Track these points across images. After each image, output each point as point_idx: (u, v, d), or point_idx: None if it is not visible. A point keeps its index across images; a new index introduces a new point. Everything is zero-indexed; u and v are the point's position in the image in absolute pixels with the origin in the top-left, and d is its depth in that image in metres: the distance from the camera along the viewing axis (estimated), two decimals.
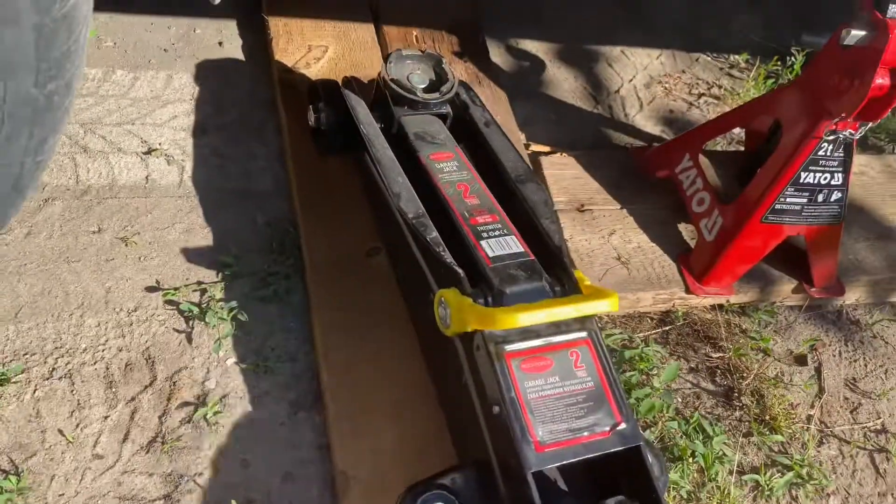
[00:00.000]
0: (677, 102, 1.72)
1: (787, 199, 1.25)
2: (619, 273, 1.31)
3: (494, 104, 1.48)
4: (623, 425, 0.88)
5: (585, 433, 0.86)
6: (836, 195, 1.27)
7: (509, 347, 0.88)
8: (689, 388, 1.27)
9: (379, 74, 1.16)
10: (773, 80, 1.78)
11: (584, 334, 0.92)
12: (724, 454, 1.18)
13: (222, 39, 1.49)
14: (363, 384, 1.07)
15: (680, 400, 1.25)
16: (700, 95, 1.75)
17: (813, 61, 1.24)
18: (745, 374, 1.28)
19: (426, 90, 1.16)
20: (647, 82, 1.75)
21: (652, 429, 1.18)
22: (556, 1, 1.80)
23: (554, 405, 0.87)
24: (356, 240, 1.21)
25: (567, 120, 1.61)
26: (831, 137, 1.20)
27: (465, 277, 0.92)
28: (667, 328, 1.32)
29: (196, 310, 1.13)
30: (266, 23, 1.44)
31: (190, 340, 1.12)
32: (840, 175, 1.25)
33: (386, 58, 1.15)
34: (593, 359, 0.91)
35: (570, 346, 0.91)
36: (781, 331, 1.38)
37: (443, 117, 1.18)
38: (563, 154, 1.48)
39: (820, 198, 1.26)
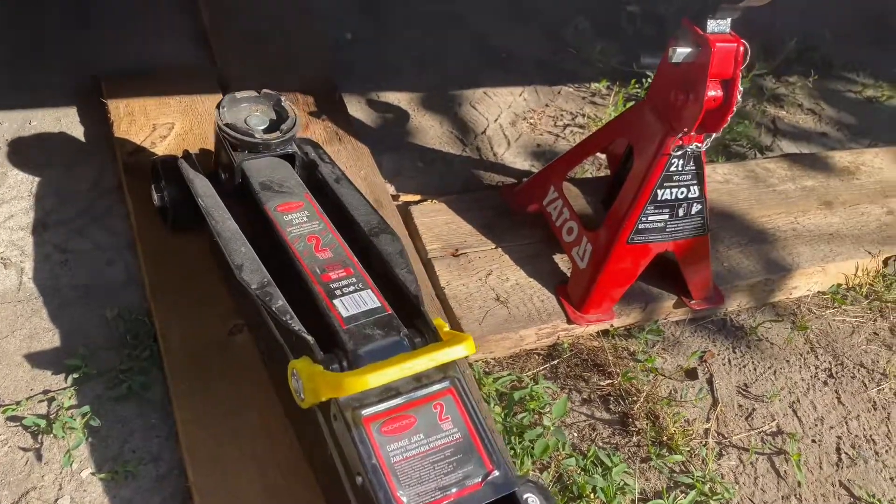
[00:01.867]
0: (544, 136, 1.75)
1: (649, 218, 1.26)
2: (499, 313, 1.29)
3: (357, 159, 1.46)
4: (495, 473, 0.83)
5: (455, 489, 0.81)
6: (696, 207, 1.29)
7: (367, 412, 0.83)
8: (584, 421, 1.24)
9: (215, 123, 1.11)
10: (632, 102, 1.83)
11: (446, 384, 0.88)
12: (626, 483, 1.15)
13: (62, 129, 1.42)
14: (233, 476, 0.99)
15: (576, 434, 1.22)
16: (565, 126, 1.78)
17: (652, 81, 1.27)
18: (637, 398, 1.26)
19: (267, 131, 1.12)
20: (513, 120, 1.77)
21: (549, 469, 1.14)
22: (414, 52, 1.82)
23: (420, 465, 0.82)
24: (217, 320, 1.15)
25: (436, 167, 1.60)
26: (679, 153, 1.22)
27: (314, 344, 0.87)
28: (555, 362, 1.30)
29: (43, 423, 1.03)
30: (106, 107, 1.39)
31: (39, 457, 1.02)
32: (696, 187, 1.27)
33: (218, 104, 1.11)
34: (459, 408, 0.87)
35: (432, 399, 0.87)
36: (669, 348, 1.38)
37: (290, 159, 1.13)
38: (434, 201, 1.46)
39: (681, 212, 1.28)
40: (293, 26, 1.70)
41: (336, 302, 0.93)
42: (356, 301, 0.93)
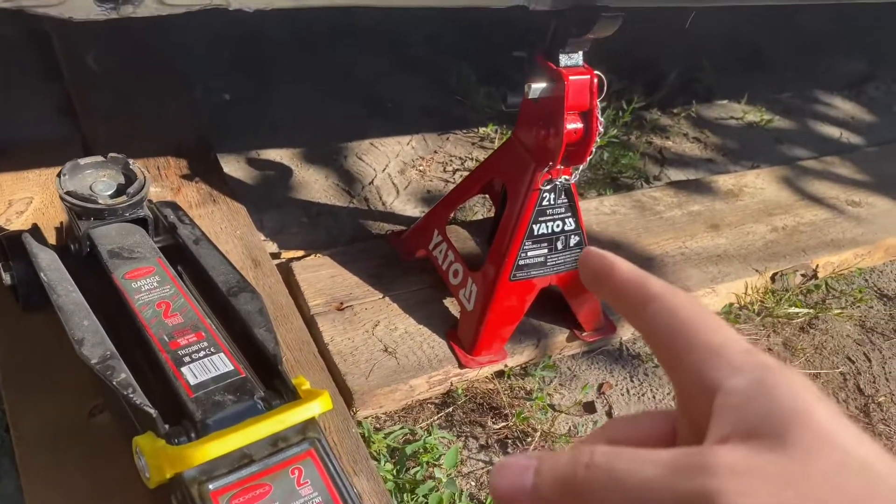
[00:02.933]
0: (433, 182, 1.74)
1: (529, 254, 1.25)
2: (387, 364, 1.25)
3: (232, 220, 1.41)
4: None
5: None
6: (573, 239, 1.29)
7: (214, 485, 0.77)
8: (482, 468, 1.20)
9: (58, 194, 1.05)
10: None
11: (305, 446, 0.83)
12: None
13: None
14: None
15: (473, 483, 1.17)
16: (455, 171, 1.78)
17: (517, 119, 1.28)
18: (534, 437, 1.23)
19: (114, 196, 1.07)
20: (402, 168, 1.76)
21: None
22: (297, 108, 1.80)
23: None
24: (74, 403, 1.06)
25: (322, 221, 1.57)
26: (549, 186, 1.22)
27: (157, 417, 0.81)
28: (449, 409, 1.26)
29: None
30: None
31: None
32: (571, 220, 1.27)
33: (59, 171, 1.05)
34: (319, 471, 0.81)
35: (290, 464, 0.81)
36: (567, 382, 1.36)
37: (142, 223, 1.08)
38: (317, 255, 1.42)
39: (559, 245, 1.28)
40: (165, 90, 1.67)
41: (184, 370, 0.87)
42: (206, 367, 0.87)
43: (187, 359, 0.88)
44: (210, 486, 0.77)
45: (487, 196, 1.69)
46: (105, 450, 1.02)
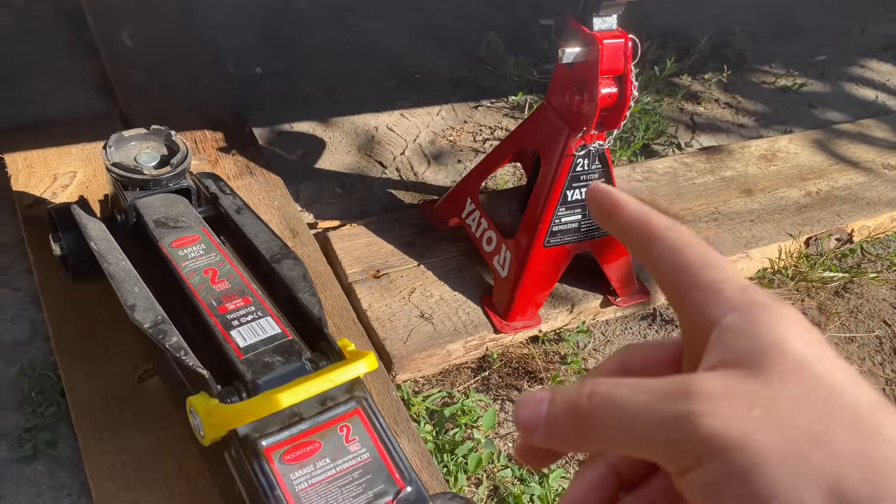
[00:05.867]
0: (464, 151, 1.75)
1: (562, 220, 1.26)
2: (424, 330, 1.27)
3: (270, 191, 1.44)
4: (407, 489, 0.81)
5: None
6: None
7: (267, 441, 0.80)
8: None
9: (104, 165, 1.08)
10: None
11: (352, 405, 0.85)
12: (563, 489, 1.13)
13: None
14: None
15: (510, 444, 1.20)
16: (485, 141, 1.79)
17: (550, 85, 1.28)
18: None
19: (158, 167, 1.09)
20: (432, 139, 1.76)
21: (484, 483, 1.12)
22: (327, 81, 1.81)
23: (327, 490, 0.79)
24: (126, 368, 1.10)
25: (355, 191, 1.59)
26: (583, 152, 1.22)
27: (209, 378, 0.84)
28: (486, 374, 1.28)
29: None
30: (3, 162, 1.35)
31: None
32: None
33: (105, 144, 1.08)
34: (366, 428, 0.84)
35: (339, 422, 0.84)
36: (600, 347, 1.37)
37: (185, 193, 1.11)
38: (353, 225, 1.44)
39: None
40: (199, 65, 1.69)
41: (233, 333, 0.90)
42: (254, 330, 0.90)
43: (236, 322, 0.91)
44: (263, 443, 0.80)
45: (518, 164, 1.70)
46: (157, 412, 1.06)
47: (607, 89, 1.15)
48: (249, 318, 0.92)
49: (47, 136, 1.40)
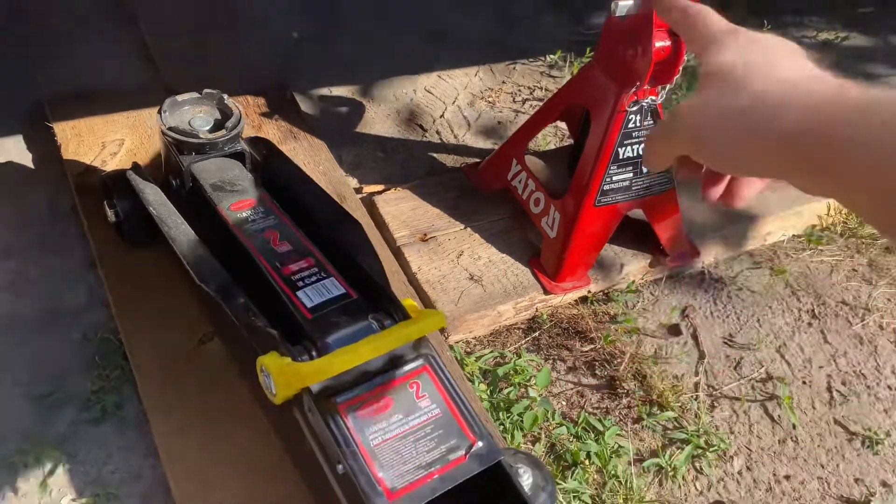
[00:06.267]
0: (504, 113, 1.73)
1: (614, 178, 1.25)
2: (474, 292, 1.27)
3: (314, 155, 1.44)
4: (479, 444, 0.81)
5: (439, 465, 0.79)
6: None
7: (341, 398, 0.81)
8: (571, 388, 1.22)
9: (159, 130, 1.08)
10: None
11: (420, 362, 0.86)
12: (620, 446, 1.14)
13: (9, 158, 1.38)
14: (217, 485, 0.97)
15: (564, 402, 1.20)
16: (524, 101, 1.77)
17: (599, 40, 1.25)
18: (621, 360, 1.25)
19: (211, 130, 1.09)
20: (471, 100, 1.75)
21: (540, 440, 1.12)
22: (364, 44, 1.79)
23: (400, 445, 0.80)
24: (185, 331, 1.12)
25: (397, 155, 1.58)
26: (635, 108, 1.20)
27: (280, 337, 0.85)
28: (536, 334, 1.28)
29: (15, 455, 1.00)
30: (53, 130, 1.35)
31: (15, 490, 0.99)
32: None
33: (159, 108, 1.08)
34: (435, 385, 0.85)
35: (408, 379, 0.85)
36: (650, 307, 1.37)
37: (240, 156, 1.11)
38: (398, 189, 1.44)
39: (644, 169, 1.27)
40: (237, 31, 1.68)
41: (299, 293, 0.90)
42: (319, 290, 0.91)
43: (301, 283, 0.92)
44: (337, 400, 0.80)
45: (558, 125, 1.68)
46: (217, 374, 1.08)
47: (661, 42, 1.12)
48: (314, 279, 0.93)
49: (93, 105, 1.41)
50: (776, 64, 0.43)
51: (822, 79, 0.40)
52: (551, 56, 1.89)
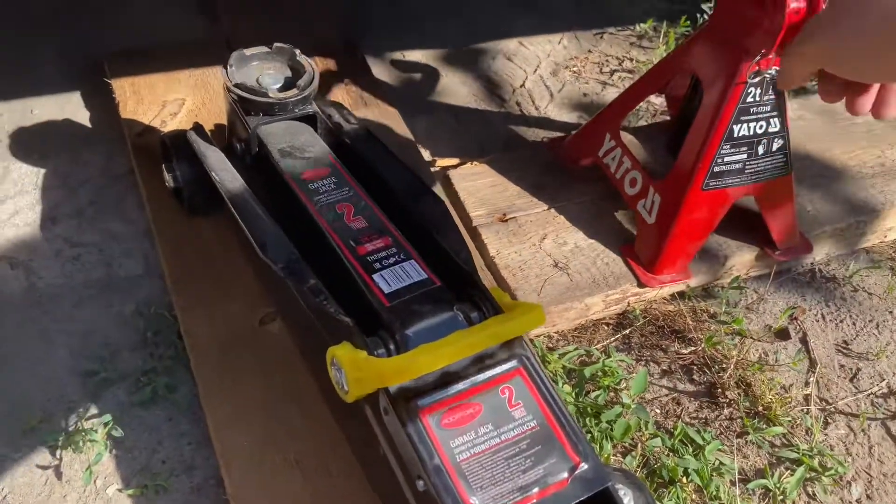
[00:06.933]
0: (590, 84, 1.58)
1: (725, 159, 1.10)
2: (559, 281, 1.14)
3: (386, 123, 1.32)
4: (583, 466, 0.69)
5: (537, 488, 0.67)
6: (777, 143, 1.12)
7: (423, 402, 0.70)
8: (667, 395, 1.09)
9: (223, 86, 0.98)
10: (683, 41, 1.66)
11: (514, 363, 0.74)
12: (722, 463, 1.00)
13: (66, 115, 1.30)
14: (276, 483, 0.87)
15: (659, 411, 1.07)
16: (612, 72, 1.62)
17: (717, 1, 1.10)
18: (724, 365, 1.11)
19: (282, 90, 0.98)
20: (554, 69, 1.60)
21: (633, 453, 1.00)
22: (439, 2, 1.66)
23: (491, 462, 0.68)
24: (245, 310, 1.02)
25: (473, 127, 1.45)
26: (756, 80, 1.05)
27: (355, 327, 0.74)
28: (626, 332, 1.15)
29: (61, 437, 0.92)
30: (111, 87, 1.27)
31: (59, 475, 0.91)
32: (776, 120, 1.10)
33: (225, 62, 0.97)
34: (531, 391, 0.73)
35: (499, 382, 0.73)
36: (754, 306, 1.22)
37: (311, 120, 1.00)
38: (475, 163, 1.32)
39: (760, 150, 1.11)
40: None
41: (376, 277, 0.79)
42: (398, 274, 0.79)
43: (377, 265, 0.81)
44: (419, 403, 0.69)
45: (651, 99, 1.53)
46: (278, 359, 0.98)
47: (796, 2, 0.97)
48: (392, 260, 0.81)
49: (154, 62, 1.32)
50: None
51: None
52: (642, 25, 1.73)
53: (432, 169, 1.31)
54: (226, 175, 0.93)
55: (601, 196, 1.27)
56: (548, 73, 1.59)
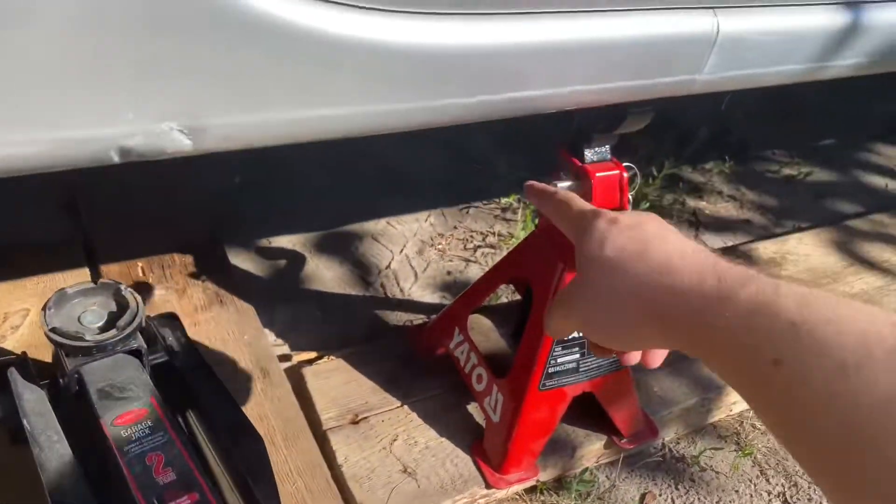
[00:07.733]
0: (454, 262, 1.64)
1: (559, 360, 1.14)
2: (406, 489, 1.14)
3: (240, 323, 1.33)
4: None
5: None
6: None
7: None
8: None
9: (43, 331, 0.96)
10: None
11: None
12: None
13: None
14: None
15: None
16: (476, 248, 1.68)
17: (541, 216, 1.18)
18: None
19: (105, 326, 0.97)
20: (420, 248, 1.66)
21: None
22: (310, 190, 1.72)
23: None
24: None
25: (335, 314, 1.47)
26: None
27: None
28: None
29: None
30: None
31: None
32: None
33: (45, 304, 0.96)
34: None
35: None
36: (605, 495, 1.24)
37: (137, 354, 0.99)
38: (330, 358, 1.33)
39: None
40: (172, 180, 1.60)
41: None
42: None
43: None
44: None
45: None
46: None
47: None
48: None
49: (2, 269, 1.30)
50: (649, 250, 0.48)
51: (686, 266, 0.45)
52: (506, 199, 1.82)
53: (286, 364, 1.31)
54: (38, 421, 0.90)
55: (453, 388, 1.29)
56: (413, 252, 1.65)
